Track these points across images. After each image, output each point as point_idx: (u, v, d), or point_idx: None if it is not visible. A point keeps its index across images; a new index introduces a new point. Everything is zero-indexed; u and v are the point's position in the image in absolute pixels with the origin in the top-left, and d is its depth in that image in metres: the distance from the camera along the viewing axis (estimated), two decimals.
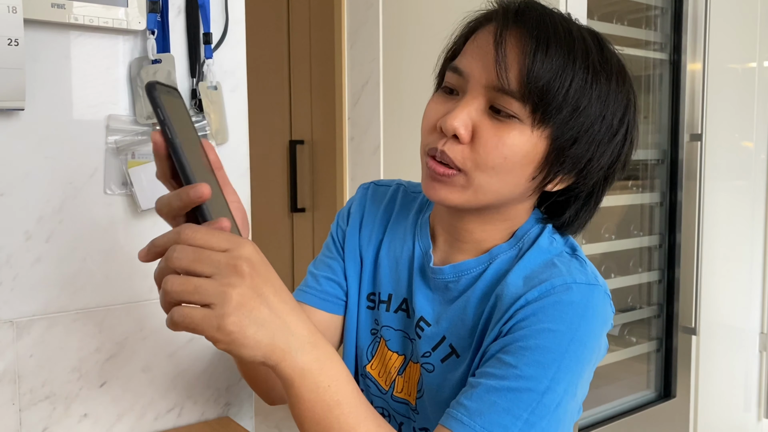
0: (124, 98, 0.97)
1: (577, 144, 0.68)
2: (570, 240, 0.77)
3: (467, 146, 0.68)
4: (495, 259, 0.75)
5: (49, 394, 0.94)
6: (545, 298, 0.67)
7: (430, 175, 0.71)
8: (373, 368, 0.84)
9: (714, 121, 2.05)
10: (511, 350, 0.66)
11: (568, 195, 0.75)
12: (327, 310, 0.86)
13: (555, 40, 0.66)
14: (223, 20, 1.04)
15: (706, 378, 2.11)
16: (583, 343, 0.66)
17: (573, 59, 0.66)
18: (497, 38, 0.67)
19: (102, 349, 0.98)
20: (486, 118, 0.68)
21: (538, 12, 0.68)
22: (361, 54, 2.02)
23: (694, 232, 2.07)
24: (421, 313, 0.78)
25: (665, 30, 2.04)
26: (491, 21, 0.71)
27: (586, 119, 0.67)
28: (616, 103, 0.69)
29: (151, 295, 1.01)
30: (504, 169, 0.68)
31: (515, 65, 0.66)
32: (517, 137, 0.67)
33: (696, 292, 2.07)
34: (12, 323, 0.91)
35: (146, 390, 1.02)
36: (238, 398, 1.11)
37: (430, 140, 0.72)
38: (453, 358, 0.75)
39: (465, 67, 0.70)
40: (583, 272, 0.70)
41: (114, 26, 0.92)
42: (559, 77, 0.65)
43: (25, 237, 0.91)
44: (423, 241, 0.81)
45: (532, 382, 0.64)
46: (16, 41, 0.82)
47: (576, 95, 0.66)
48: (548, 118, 0.66)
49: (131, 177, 0.96)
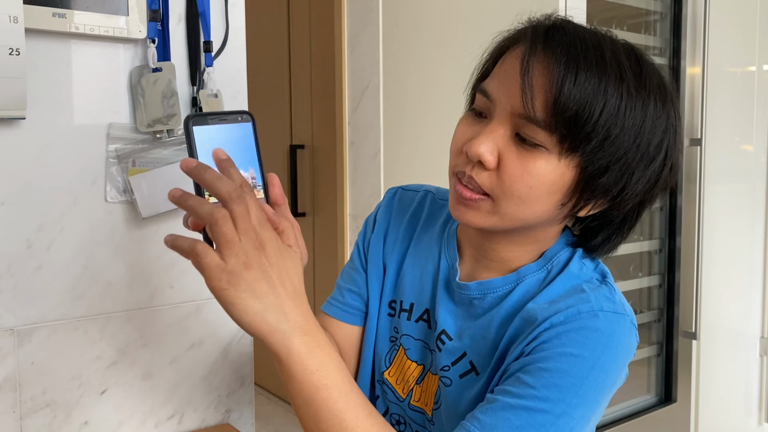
0: (124, 106, 0.97)
1: (608, 173, 0.66)
2: (600, 265, 0.76)
3: (493, 172, 0.67)
4: (522, 279, 0.74)
5: (49, 401, 0.94)
6: (570, 323, 0.66)
7: (456, 198, 0.70)
8: (391, 375, 0.84)
9: (714, 125, 2.05)
10: (530, 370, 0.66)
11: (601, 220, 0.73)
12: (349, 322, 0.86)
13: (585, 65, 0.63)
14: (224, 28, 1.04)
15: (706, 382, 2.11)
16: (605, 371, 0.66)
17: (604, 86, 0.63)
18: (524, 64, 0.64)
19: (103, 357, 0.98)
20: (512, 146, 0.67)
21: (569, 34, 0.65)
22: (362, 59, 2.03)
23: (695, 237, 2.07)
24: (443, 326, 0.77)
25: (665, 35, 2.04)
26: (519, 43, 0.68)
27: (618, 148, 0.65)
28: (653, 129, 0.66)
29: (152, 302, 1.01)
30: (530, 198, 0.67)
31: (542, 93, 0.63)
32: (543, 166, 0.65)
33: (696, 296, 2.07)
34: (13, 331, 0.91)
35: (147, 397, 1.02)
36: (239, 405, 1.11)
37: (457, 162, 0.71)
38: (472, 375, 0.75)
39: (492, 92, 0.68)
40: (611, 300, 0.70)
41: (115, 35, 0.93)
42: (588, 106, 0.62)
43: (26, 245, 0.91)
44: (450, 253, 0.80)
45: (548, 403, 0.64)
46: (18, 51, 0.82)
47: (607, 124, 0.63)
48: (576, 147, 0.64)
49: (132, 185, 0.96)
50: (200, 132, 0.60)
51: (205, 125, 0.60)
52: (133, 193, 0.97)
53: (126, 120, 0.97)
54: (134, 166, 0.97)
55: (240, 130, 0.62)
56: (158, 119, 0.97)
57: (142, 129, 0.97)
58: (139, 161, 0.97)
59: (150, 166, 0.98)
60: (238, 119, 0.62)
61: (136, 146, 0.97)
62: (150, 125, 0.97)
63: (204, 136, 0.60)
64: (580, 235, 0.77)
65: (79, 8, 0.90)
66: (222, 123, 0.61)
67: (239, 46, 1.07)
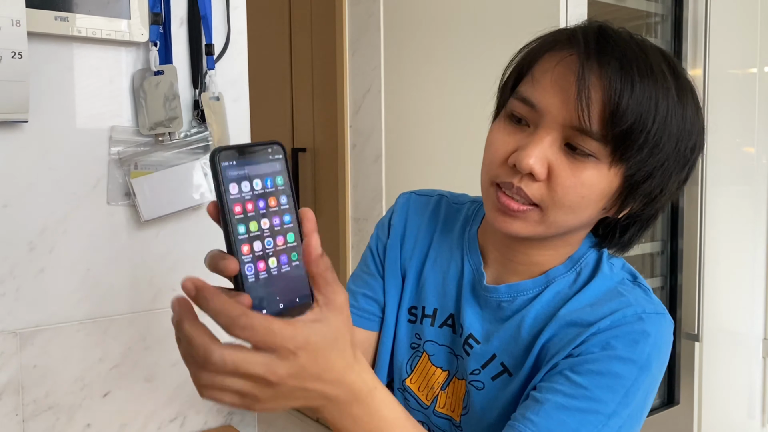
0: (126, 109, 0.97)
1: (651, 179, 0.67)
2: (626, 265, 0.78)
3: (543, 183, 0.66)
4: (552, 281, 0.75)
5: (52, 404, 0.94)
6: (618, 328, 0.68)
7: (500, 209, 0.69)
8: (413, 382, 0.83)
9: (715, 127, 2.05)
10: (582, 371, 0.67)
11: (630, 219, 0.74)
12: (365, 327, 0.85)
13: (639, 77, 0.63)
14: (225, 31, 1.05)
15: (709, 384, 2.11)
16: (651, 372, 0.68)
17: (656, 97, 0.63)
18: (580, 75, 0.63)
19: (105, 359, 0.98)
20: (561, 156, 0.66)
21: (618, 43, 0.65)
22: (363, 62, 2.03)
23: (696, 238, 2.06)
24: (470, 331, 0.77)
25: (666, 37, 2.04)
26: (566, 48, 0.66)
27: (662, 155, 0.66)
28: (690, 133, 0.67)
29: (154, 305, 1.02)
30: (580, 207, 0.67)
31: (599, 106, 0.63)
32: (594, 176, 0.66)
33: (699, 298, 2.07)
34: (15, 334, 0.91)
35: (149, 400, 1.02)
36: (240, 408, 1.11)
37: (499, 173, 0.69)
38: (505, 376, 0.75)
39: (539, 102, 0.66)
40: (650, 301, 0.71)
41: (117, 38, 0.93)
42: (642, 118, 0.63)
43: (28, 248, 0.92)
44: (473, 257, 0.80)
45: (600, 404, 0.65)
46: (20, 54, 0.83)
47: (657, 134, 0.64)
48: (628, 157, 0.65)
49: (134, 187, 0.97)
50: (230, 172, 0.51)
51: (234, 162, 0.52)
52: (135, 196, 0.97)
53: (128, 123, 0.97)
54: (136, 169, 0.97)
55: (271, 166, 0.54)
56: (160, 122, 0.97)
57: (144, 132, 0.97)
58: (141, 164, 0.98)
59: (152, 169, 0.98)
60: (268, 152, 0.54)
61: (138, 149, 0.98)
62: (152, 128, 0.97)
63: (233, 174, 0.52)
64: (604, 234, 0.77)
65: (81, 12, 0.90)
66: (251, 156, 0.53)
67: (241, 49, 1.07)
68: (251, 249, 0.52)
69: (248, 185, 0.52)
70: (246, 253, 0.51)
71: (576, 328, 0.70)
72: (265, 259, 0.53)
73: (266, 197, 0.53)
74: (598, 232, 0.78)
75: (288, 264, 0.54)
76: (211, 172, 0.51)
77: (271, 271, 0.53)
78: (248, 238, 0.52)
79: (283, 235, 0.54)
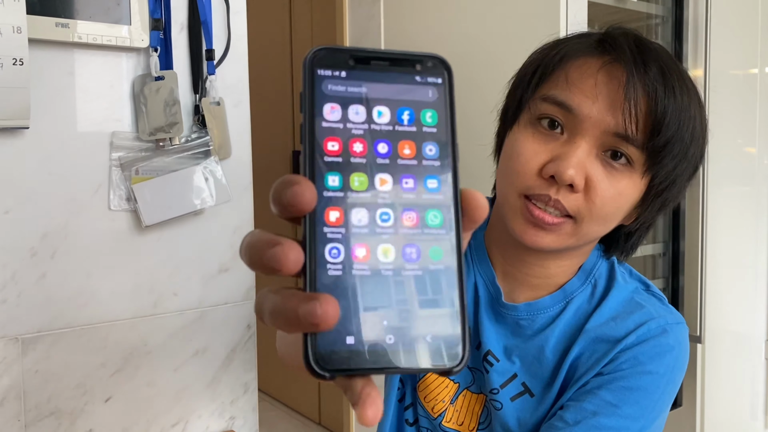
0: (127, 115, 0.97)
1: (672, 187, 0.67)
2: (634, 272, 0.78)
3: (581, 194, 0.64)
4: (571, 298, 0.73)
5: (54, 409, 0.94)
6: (644, 343, 0.69)
7: (532, 222, 0.65)
8: (420, 391, 0.81)
9: (716, 127, 2.05)
10: (612, 389, 0.67)
11: (635, 224, 0.74)
12: None
13: (678, 86, 0.63)
14: (226, 36, 1.05)
15: (712, 387, 2.10)
16: (675, 381, 0.70)
17: (691, 107, 0.64)
18: (630, 83, 0.62)
19: (107, 365, 0.98)
20: (599, 165, 0.64)
21: (657, 52, 0.65)
22: None
23: (698, 240, 2.06)
24: (488, 347, 0.75)
25: (666, 38, 2.04)
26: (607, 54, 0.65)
27: (686, 164, 0.66)
28: (702, 142, 0.68)
29: (155, 310, 1.02)
30: (614, 216, 0.67)
31: (644, 114, 0.62)
32: (630, 186, 0.65)
33: (701, 299, 2.06)
34: (17, 339, 0.91)
35: (151, 405, 1.02)
36: (243, 411, 1.11)
37: (532, 185, 0.65)
38: (526, 397, 0.73)
39: (578, 106, 0.63)
40: (669, 311, 0.73)
41: (117, 44, 0.93)
42: (682, 128, 0.63)
43: (30, 253, 0.92)
44: (484, 269, 0.77)
45: (630, 420, 0.67)
46: (21, 61, 0.83)
47: (688, 144, 0.65)
48: (661, 166, 0.64)
49: (135, 193, 0.97)
50: (333, 86, 0.31)
51: (344, 73, 0.31)
52: (137, 201, 0.97)
53: (129, 129, 0.98)
54: (137, 175, 0.98)
55: (418, 91, 0.32)
56: (161, 127, 0.97)
57: (145, 137, 0.97)
58: (142, 169, 0.98)
59: (153, 174, 0.98)
60: (416, 69, 0.32)
61: (139, 154, 0.98)
62: (152, 133, 0.97)
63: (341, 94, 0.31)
64: (610, 241, 0.77)
65: (82, 18, 0.90)
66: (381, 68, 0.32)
67: (241, 53, 1.07)
68: (345, 219, 0.30)
69: (364, 113, 0.31)
70: (334, 222, 0.30)
71: (603, 344, 0.70)
72: (370, 245, 0.30)
73: (395, 139, 0.31)
74: (604, 239, 0.77)
75: (420, 264, 0.30)
76: (303, 84, 0.31)
77: (381, 268, 0.30)
78: (344, 198, 0.30)
79: (417, 209, 0.31)
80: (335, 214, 0.29)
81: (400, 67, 0.32)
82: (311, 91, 0.30)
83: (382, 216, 0.30)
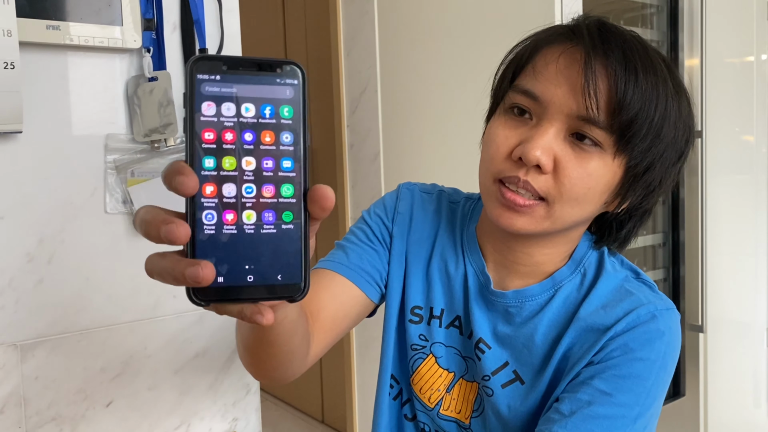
0: (121, 117, 0.97)
1: (652, 170, 0.68)
2: (626, 262, 0.78)
3: (550, 176, 0.66)
4: (559, 286, 0.74)
5: (55, 415, 0.94)
6: (634, 329, 0.69)
7: (506, 205, 0.68)
8: (415, 384, 0.82)
9: (714, 116, 2.05)
10: (605, 377, 0.68)
11: (627, 213, 0.74)
12: (364, 289, 0.78)
13: (642, 66, 0.64)
14: (219, 35, 1.04)
15: (715, 375, 2.10)
16: (667, 368, 0.69)
17: (658, 88, 0.65)
18: (587, 65, 0.64)
19: (107, 369, 0.98)
20: (567, 147, 0.66)
21: (618, 35, 0.66)
22: (358, 62, 2.02)
23: (698, 229, 2.06)
24: (479, 335, 0.76)
25: (662, 28, 2.03)
26: (568, 41, 0.67)
27: (662, 145, 0.67)
28: (684, 126, 0.68)
29: (154, 313, 1.01)
30: (586, 199, 0.67)
31: (605, 95, 0.64)
32: (600, 167, 0.66)
33: (702, 289, 2.06)
34: (16, 346, 0.91)
35: (153, 408, 1.02)
36: (245, 413, 1.10)
37: (503, 168, 0.68)
38: (517, 384, 0.74)
39: (543, 93, 0.66)
40: (659, 297, 0.72)
41: (110, 45, 0.92)
42: (646, 107, 0.64)
43: (26, 259, 0.91)
44: (474, 259, 0.79)
45: (625, 408, 0.67)
46: (12, 64, 0.82)
47: (658, 124, 0.65)
48: (631, 147, 0.65)
49: (131, 195, 0.96)
50: (209, 87, 0.39)
51: (218, 77, 0.39)
52: (133, 204, 0.96)
53: (123, 130, 0.97)
54: (133, 177, 0.97)
55: (276, 91, 0.41)
56: (155, 129, 0.96)
57: (139, 139, 0.96)
58: (137, 171, 0.97)
59: (149, 176, 0.97)
60: (277, 72, 0.40)
61: (134, 156, 0.97)
62: (147, 135, 0.96)
63: (215, 94, 0.39)
64: (601, 231, 0.77)
65: (73, 20, 0.89)
66: (248, 73, 0.40)
67: (235, 52, 1.06)
68: (217, 191, 0.39)
69: (233, 108, 0.39)
70: (209, 195, 0.39)
71: (594, 333, 0.70)
72: (236, 210, 0.40)
73: (258, 129, 0.40)
74: (594, 230, 0.78)
75: (275, 225, 0.40)
76: (185, 85, 0.39)
77: (244, 227, 0.40)
78: (217, 176, 0.39)
79: (274, 183, 0.40)
80: (210, 189, 0.39)
81: (264, 71, 0.40)
82: (191, 91, 0.39)
83: (247, 189, 0.40)
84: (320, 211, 0.42)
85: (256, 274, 0.40)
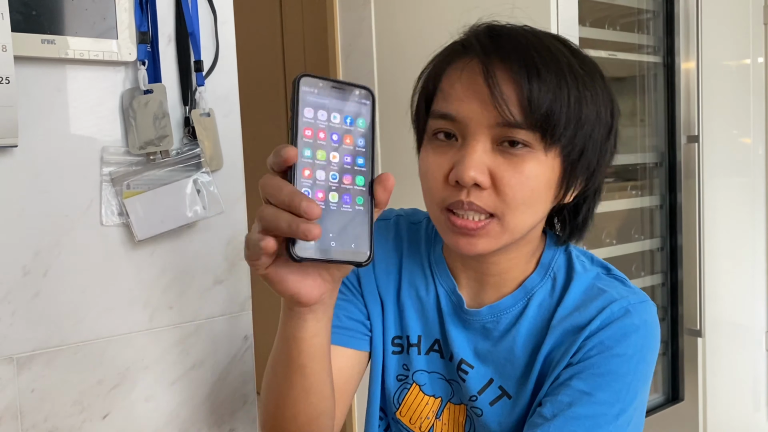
0: (117, 130, 0.97)
1: (585, 152, 0.69)
2: (596, 259, 0.78)
3: (491, 190, 0.66)
4: (531, 294, 0.74)
5: (51, 428, 0.94)
6: (609, 326, 0.69)
7: (458, 231, 0.68)
8: (403, 415, 0.81)
9: (711, 120, 2.05)
10: (583, 377, 0.68)
11: (577, 199, 0.75)
12: (354, 347, 0.80)
13: (541, 61, 0.65)
14: (214, 46, 1.04)
15: (713, 380, 2.10)
16: (647, 360, 0.70)
17: (563, 75, 0.65)
18: (486, 74, 0.65)
19: (104, 381, 0.98)
20: (499, 157, 0.66)
21: (512, 35, 0.67)
22: (356, 68, 2.03)
23: (696, 233, 2.06)
24: (461, 356, 0.76)
25: (658, 33, 2.04)
26: (465, 56, 0.68)
27: (588, 127, 0.67)
28: (604, 100, 0.69)
29: (151, 324, 1.01)
30: (532, 201, 0.67)
31: (513, 97, 0.64)
32: (536, 167, 0.66)
33: (700, 293, 2.06)
34: (12, 359, 0.91)
35: (150, 420, 1.02)
36: (243, 423, 1.10)
37: (445, 195, 0.68)
38: (504, 399, 0.74)
39: (458, 112, 0.67)
40: (631, 291, 0.73)
41: (105, 59, 0.93)
42: (558, 98, 0.64)
43: (22, 272, 0.91)
44: (444, 280, 0.78)
45: (605, 406, 0.67)
46: (7, 79, 0.82)
47: (575, 108, 0.66)
48: (557, 138, 0.66)
49: (127, 207, 0.96)
50: (309, 98, 0.53)
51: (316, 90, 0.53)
52: (129, 216, 0.96)
53: (119, 143, 0.97)
54: (129, 189, 0.97)
55: (355, 107, 0.55)
56: (150, 141, 0.97)
57: (135, 151, 0.97)
58: (133, 183, 0.97)
59: (144, 188, 0.98)
60: (356, 93, 0.55)
61: (130, 168, 0.97)
62: (142, 147, 0.96)
63: (311, 100, 0.53)
64: (559, 224, 0.78)
65: (68, 33, 0.90)
66: (336, 91, 0.54)
67: (230, 63, 1.06)
68: (312, 175, 0.52)
69: (325, 115, 0.53)
70: (306, 177, 0.52)
71: (570, 335, 0.70)
72: (325, 191, 0.52)
73: (341, 132, 0.53)
74: (553, 224, 0.78)
75: (351, 205, 0.53)
76: (292, 95, 0.52)
77: (330, 204, 0.52)
78: (312, 163, 0.52)
79: (351, 174, 0.54)
80: (307, 172, 0.52)
81: (347, 90, 0.54)
82: (297, 98, 0.52)
83: (332, 176, 0.53)
84: (383, 192, 0.54)
85: (337, 241, 0.52)
